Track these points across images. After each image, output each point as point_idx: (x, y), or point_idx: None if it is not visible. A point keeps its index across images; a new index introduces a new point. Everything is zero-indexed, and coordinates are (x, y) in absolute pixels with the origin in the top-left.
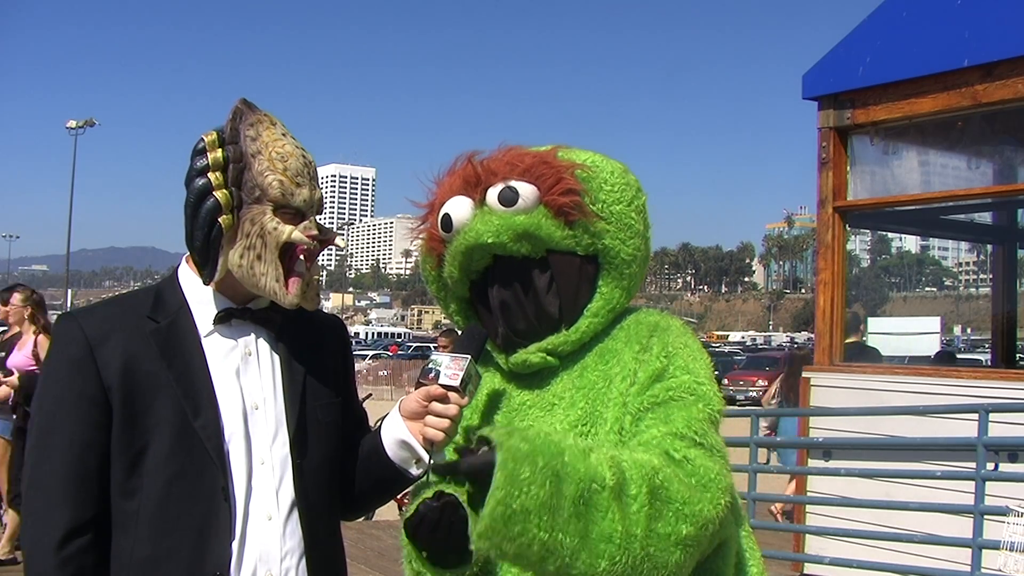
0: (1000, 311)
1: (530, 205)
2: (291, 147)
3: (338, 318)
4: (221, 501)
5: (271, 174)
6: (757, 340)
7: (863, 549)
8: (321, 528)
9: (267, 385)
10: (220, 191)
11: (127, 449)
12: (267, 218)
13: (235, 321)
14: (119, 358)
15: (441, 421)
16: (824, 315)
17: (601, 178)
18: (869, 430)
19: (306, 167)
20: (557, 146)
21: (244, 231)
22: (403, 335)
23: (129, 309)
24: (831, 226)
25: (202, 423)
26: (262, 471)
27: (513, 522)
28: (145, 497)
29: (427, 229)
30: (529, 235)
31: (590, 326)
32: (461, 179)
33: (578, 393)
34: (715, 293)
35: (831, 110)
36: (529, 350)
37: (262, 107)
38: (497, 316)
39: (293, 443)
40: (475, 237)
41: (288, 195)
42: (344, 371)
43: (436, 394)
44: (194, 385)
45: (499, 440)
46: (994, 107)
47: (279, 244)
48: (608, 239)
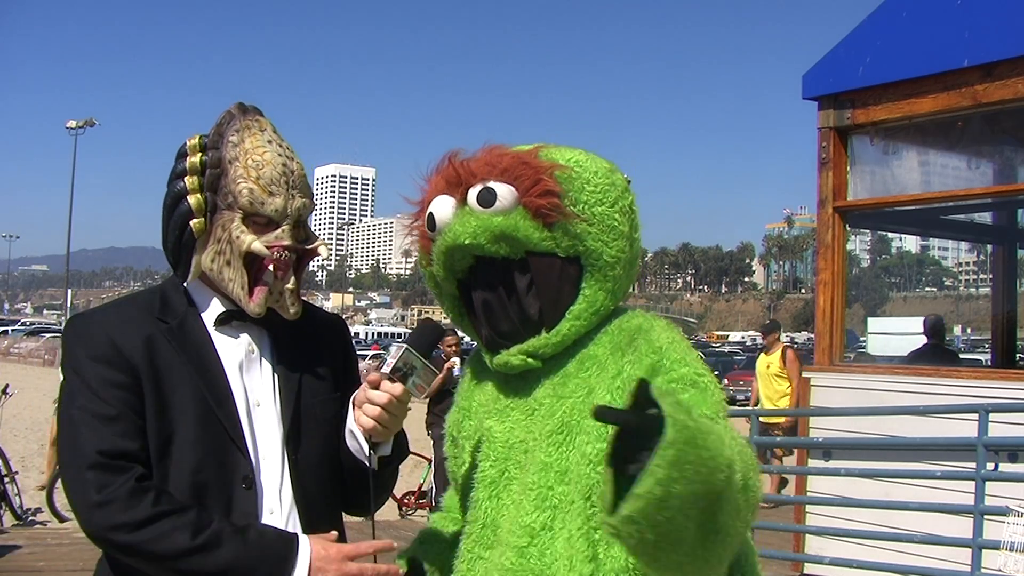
0: (1000, 311)
1: (508, 206)
2: (272, 155)
3: (339, 317)
4: (244, 489)
5: (243, 182)
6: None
7: (863, 549)
8: (322, 523)
9: (267, 383)
10: (194, 195)
11: (156, 437)
12: (234, 226)
13: (235, 322)
14: (141, 349)
15: (372, 408)
16: (824, 315)
17: (583, 178)
18: (869, 430)
19: (284, 176)
20: (540, 145)
21: (216, 236)
22: (403, 335)
23: (140, 310)
24: (831, 226)
25: (225, 412)
26: (265, 466)
27: (666, 508)
28: (172, 484)
29: (418, 227)
30: (506, 236)
31: (572, 329)
32: (444, 179)
33: (557, 402)
34: (715, 293)
35: (831, 110)
36: (511, 352)
37: (262, 107)
38: (480, 317)
39: (287, 438)
40: (453, 238)
41: (257, 204)
42: (344, 368)
43: (373, 381)
44: (213, 377)
45: (668, 412)
46: (994, 107)
47: (242, 253)
48: (590, 241)
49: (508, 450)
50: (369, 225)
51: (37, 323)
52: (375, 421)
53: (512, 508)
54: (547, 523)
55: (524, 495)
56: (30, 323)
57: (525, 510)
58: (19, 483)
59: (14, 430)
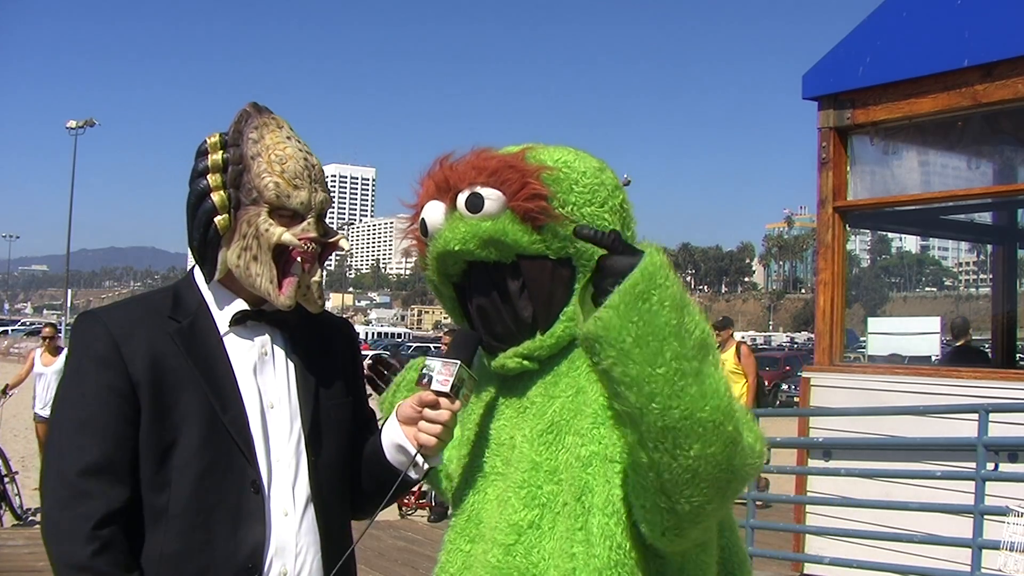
0: (1000, 311)
1: (496, 211)
2: (292, 149)
3: (347, 320)
4: (252, 493)
5: (268, 176)
6: (757, 340)
7: (863, 549)
8: (335, 524)
9: (282, 384)
10: (217, 193)
11: (157, 444)
12: (261, 219)
13: (250, 322)
14: (145, 354)
15: (433, 427)
16: (824, 315)
17: (571, 179)
18: (869, 430)
19: (307, 170)
20: (528, 146)
21: (241, 232)
22: (403, 335)
23: (150, 309)
24: (831, 226)
25: (231, 418)
26: (279, 468)
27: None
28: (175, 492)
29: (413, 232)
30: (495, 241)
31: (566, 330)
32: (434, 184)
33: (548, 401)
34: (715, 293)
35: (831, 110)
36: (507, 354)
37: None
38: (476, 321)
39: (308, 441)
40: (443, 244)
41: (284, 197)
42: (353, 372)
43: (428, 400)
44: (220, 381)
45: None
46: (994, 107)
47: (271, 246)
48: (580, 242)
49: (497, 446)
50: (369, 225)
51: (37, 323)
52: (436, 438)
53: (496, 504)
54: (535, 521)
55: (513, 492)
56: (30, 323)
57: (513, 507)
58: (19, 483)
59: (14, 430)
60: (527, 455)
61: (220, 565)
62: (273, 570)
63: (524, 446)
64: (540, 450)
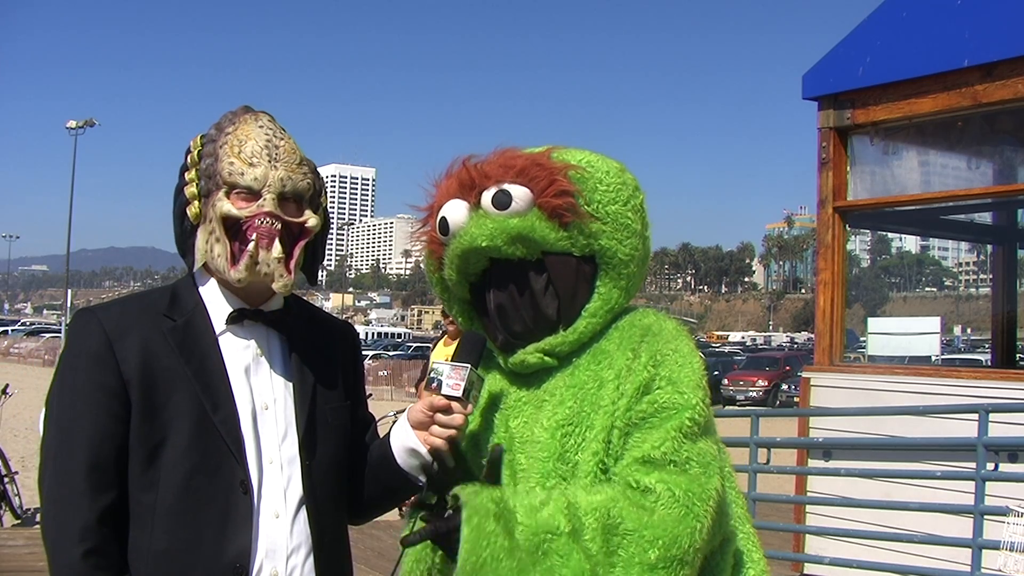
0: (1000, 311)
1: (524, 208)
2: (256, 132)
3: (350, 324)
4: (241, 494)
5: (226, 158)
6: (757, 340)
7: (863, 549)
8: (328, 528)
9: (277, 386)
10: (189, 186)
11: (145, 442)
12: (217, 198)
13: (247, 322)
14: (138, 352)
15: (445, 431)
16: (824, 315)
17: (596, 178)
18: (869, 430)
19: (267, 149)
20: (551, 147)
21: (207, 217)
22: (403, 335)
23: (146, 306)
24: (831, 226)
25: (221, 418)
26: (270, 470)
27: (485, 571)
28: (163, 490)
29: (427, 232)
30: (523, 238)
31: (588, 326)
32: (457, 182)
33: (568, 391)
34: (715, 293)
35: (831, 110)
36: (527, 350)
37: (263, 107)
38: (494, 319)
39: (302, 444)
40: (470, 241)
41: (236, 175)
42: (354, 376)
43: (439, 405)
44: (212, 381)
45: (465, 499)
46: (994, 107)
47: (220, 220)
48: (604, 239)
49: (521, 444)
50: (369, 225)
51: (37, 323)
52: (449, 442)
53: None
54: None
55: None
56: (30, 323)
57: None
58: (19, 483)
59: (14, 430)
60: (548, 445)
61: (206, 565)
62: (264, 572)
63: (543, 435)
64: (563, 441)
